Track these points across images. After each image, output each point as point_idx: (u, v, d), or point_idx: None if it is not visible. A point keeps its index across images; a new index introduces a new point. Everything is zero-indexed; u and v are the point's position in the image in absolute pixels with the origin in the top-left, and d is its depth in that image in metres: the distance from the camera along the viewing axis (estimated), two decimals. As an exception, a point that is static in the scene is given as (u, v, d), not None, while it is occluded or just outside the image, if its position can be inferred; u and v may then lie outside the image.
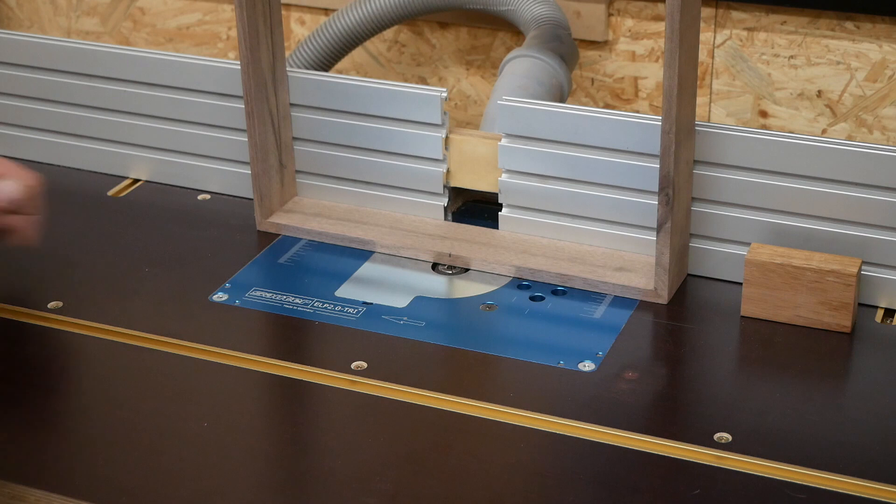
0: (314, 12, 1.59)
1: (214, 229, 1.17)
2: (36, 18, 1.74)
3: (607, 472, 0.86)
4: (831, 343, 0.99)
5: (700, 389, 0.96)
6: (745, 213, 1.05)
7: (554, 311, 1.04)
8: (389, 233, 1.14)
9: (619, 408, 0.92)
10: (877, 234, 1.01)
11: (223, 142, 1.22)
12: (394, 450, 0.89)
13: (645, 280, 1.05)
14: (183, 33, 1.66)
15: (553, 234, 1.12)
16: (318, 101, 1.16)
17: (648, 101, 1.46)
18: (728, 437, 0.88)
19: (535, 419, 0.91)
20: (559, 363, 0.97)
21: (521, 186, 1.11)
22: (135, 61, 1.22)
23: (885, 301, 1.03)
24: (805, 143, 1.01)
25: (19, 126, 1.30)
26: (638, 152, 1.06)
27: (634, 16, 1.43)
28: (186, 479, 0.86)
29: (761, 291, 1.01)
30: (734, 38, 1.39)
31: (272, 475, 0.87)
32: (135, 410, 0.93)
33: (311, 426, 0.93)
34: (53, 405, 0.94)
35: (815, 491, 0.83)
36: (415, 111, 1.12)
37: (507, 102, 1.09)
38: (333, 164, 1.17)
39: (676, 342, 1.00)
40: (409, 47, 1.55)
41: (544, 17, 1.38)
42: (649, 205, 1.06)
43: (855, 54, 1.35)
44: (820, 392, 0.95)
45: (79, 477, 0.86)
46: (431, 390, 0.94)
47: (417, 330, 1.01)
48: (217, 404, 0.95)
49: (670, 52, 0.96)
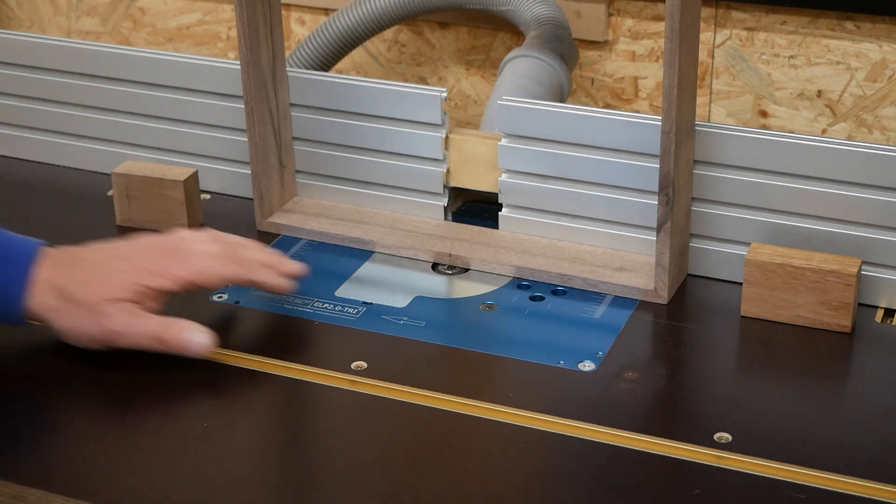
0: (314, 12, 1.59)
1: (214, 229, 1.17)
2: (36, 18, 1.74)
3: (607, 472, 0.86)
4: (831, 343, 0.99)
5: (700, 389, 0.96)
6: (745, 213, 1.05)
7: (554, 311, 1.04)
8: (389, 233, 1.14)
9: (619, 408, 0.92)
10: (877, 234, 1.01)
11: (223, 142, 1.22)
12: (394, 450, 0.89)
13: (645, 280, 1.05)
14: (183, 33, 1.66)
15: (553, 234, 1.12)
16: (318, 101, 1.16)
17: (648, 101, 1.46)
18: (728, 437, 0.88)
19: (535, 419, 0.91)
20: (559, 363, 0.97)
21: (521, 186, 1.11)
22: (135, 61, 1.22)
23: (885, 301, 1.03)
24: (805, 143, 1.01)
25: (19, 126, 1.30)
26: (638, 152, 1.05)
27: (634, 16, 1.43)
28: (186, 479, 0.86)
29: (761, 291, 1.01)
30: (734, 38, 1.39)
31: (272, 475, 0.87)
32: (135, 410, 0.93)
33: (311, 426, 0.93)
34: (53, 405, 0.93)
35: (815, 491, 0.83)
36: (415, 111, 1.12)
37: (507, 102, 1.09)
38: (333, 164, 1.17)
39: (676, 342, 1.00)
40: (409, 47, 1.55)
41: (544, 17, 1.38)
42: (649, 205, 1.06)
43: (855, 54, 1.35)
44: (820, 392, 0.95)
45: (79, 477, 0.86)
46: (431, 390, 0.94)
47: (417, 330, 1.01)
48: (217, 404, 0.95)
49: (670, 52, 0.96)
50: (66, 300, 0.94)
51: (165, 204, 1.16)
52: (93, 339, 0.95)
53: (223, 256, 1.00)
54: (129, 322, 0.94)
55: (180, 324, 0.96)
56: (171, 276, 0.97)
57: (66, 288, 0.94)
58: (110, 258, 0.97)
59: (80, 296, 0.94)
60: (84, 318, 0.94)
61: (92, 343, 0.95)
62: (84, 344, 0.96)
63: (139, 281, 0.95)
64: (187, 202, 1.16)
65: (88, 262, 0.96)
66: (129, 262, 0.97)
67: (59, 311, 0.94)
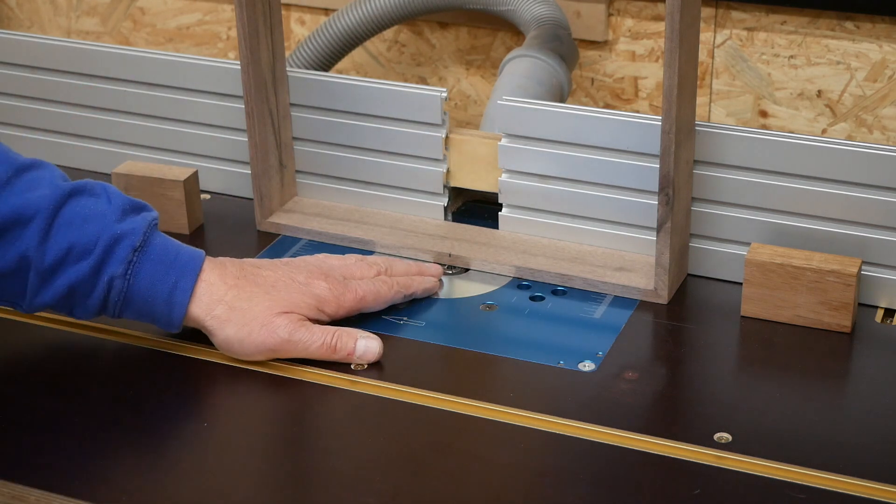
0: (314, 12, 1.59)
1: (214, 229, 1.17)
2: (36, 18, 1.74)
3: (607, 472, 0.86)
4: (831, 343, 0.99)
5: (700, 389, 0.96)
6: (745, 213, 1.05)
7: (554, 311, 1.04)
8: (389, 233, 1.14)
9: (619, 408, 0.92)
10: (877, 234, 1.01)
11: (223, 142, 1.22)
12: (394, 450, 0.89)
13: (645, 280, 1.05)
14: (183, 33, 1.67)
15: (553, 234, 1.12)
16: (318, 101, 1.16)
17: (648, 101, 1.46)
18: (728, 437, 0.88)
19: (535, 419, 0.91)
20: (559, 363, 0.97)
21: (521, 186, 1.11)
22: (135, 61, 1.22)
23: (885, 301, 1.03)
24: (805, 143, 1.01)
25: (19, 126, 1.30)
26: (638, 152, 1.05)
27: (634, 16, 1.43)
28: (186, 479, 0.86)
29: (761, 291, 1.01)
30: (734, 38, 1.39)
31: (272, 475, 0.87)
32: (135, 411, 0.92)
33: (311, 426, 0.93)
34: (53, 405, 0.93)
35: (815, 491, 0.83)
36: (415, 111, 1.12)
37: (507, 102, 1.09)
38: (333, 164, 1.17)
39: (676, 342, 1.00)
40: (409, 47, 1.55)
41: (544, 17, 1.38)
42: (649, 205, 1.06)
43: (855, 54, 1.35)
44: (820, 392, 0.95)
45: (79, 477, 0.86)
46: (431, 390, 0.94)
47: (417, 330, 1.01)
48: (217, 404, 0.95)
49: (670, 52, 0.96)
50: (234, 309, 0.95)
51: (165, 204, 1.16)
52: (260, 348, 0.95)
53: (381, 279, 1.02)
54: (301, 331, 0.95)
55: (350, 332, 0.97)
56: (337, 303, 0.98)
57: (236, 297, 0.95)
58: (278, 276, 0.98)
59: (250, 306, 0.95)
60: (252, 326, 0.95)
61: (257, 353, 0.96)
62: (247, 353, 0.96)
63: (309, 302, 0.97)
64: (187, 202, 1.16)
65: (256, 276, 0.97)
66: (297, 283, 0.98)
67: (225, 320, 0.95)
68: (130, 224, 0.94)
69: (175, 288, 0.94)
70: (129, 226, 0.94)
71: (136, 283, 0.94)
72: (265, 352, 0.95)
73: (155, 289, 0.94)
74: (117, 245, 0.93)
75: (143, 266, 0.94)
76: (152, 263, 0.94)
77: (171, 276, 0.94)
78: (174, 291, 0.94)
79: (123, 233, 0.93)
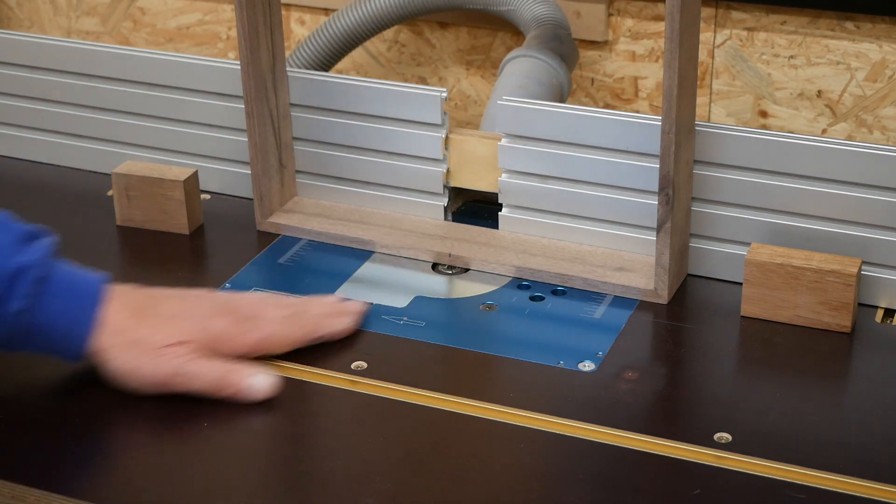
0: (314, 12, 1.59)
1: (214, 229, 1.17)
2: (36, 18, 1.74)
3: (607, 472, 0.86)
4: (831, 343, 0.99)
5: (700, 389, 0.96)
6: (744, 213, 1.05)
7: (554, 311, 1.04)
8: (389, 233, 1.14)
9: (619, 408, 0.92)
10: (877, 234, 1.01)
11: (223, 142, 1.22)
12: (394, 450, 0.89)
13: (645, 280, 1.05)
14: (183, 33, 1.67)
15: (553, 234, 1.12)
16: (318, 101, 1.16)
17: (648, 101, 1.46)
18: (728, 437, 0.88)
19: (535, 419, 0.91)
20: (559, 363, 0.97)
21: (521, 186, 1.11)
22: (135, 61, 1.22)
23: (885, 301, 1.03)
24: (805, 143, 1.01)
25: (19, 126, 1.30)
26: (638, 152, 1.06)
27: (634, 16, 1.43)
28: (186, 478, 0.86)
29: (761, 291, 1.01)
30: (734, 38, 1.39)
31: (272, 475, 0.87)
32: (134, 411, 0.92)
33: (311, 426, 0.93)
34: (52, 406, 0.93)
35: (815, 491, 0.83)
36: (415, 111, 1.12)
37: (507, 102, 1.09)
38: (333, 164, 1.17)
39: (676, 342, 1.00)
40: (409, 47, 1.55)
41: (544, 17, 1.38)
42: (649, 205, 1.06)
43: (855, 54, 1.35)
44: (820, 392, 0.95)
45: (79, 477, 0.86)
46: (431, 390, 0.94)
47: (417, 330, 1.01)
48: (217, 404, 0.94)
49: (670, 52, 0.96)
50: (129, 341, 0.92)
51: (165, 204, 1.16)
52: (150, 382, 0.92)
53: (290, 319, 0.98)
54: (190, 364, 0.92)
55: (242, 370, 0.93)
56: (236, 341, 0.95)
57: (132, 329, 0.92)
58: (184, 306, 0.95)
59: (144, 336, 0.92)
60: (144, 358, 0.92)
61: (148, 386, 0.92)
62: (138, 387, 0.92)
63: (204, 337, 0.93)
64: (187, 202, 1.16)
65: (158, 306, 0.94)
66: (198, 316, 0.94)
67: (118, 350, 0.92)
68: (30, 255, 0.90)
69: (75, 322, 0.91)
70: (28, 257, 0.90)
71: (39, 317, 0.90)
72: (156, 384, 0.92)
73: (58, 321, 0.90)
74: (16, 280, 0.89)
75: (45, 298, 0.90)
76: (53, 296, 0.90)
77: (73, 307, 0.91)
78: (75, 326, 0.91)
79: (22, 266, 0.90)
